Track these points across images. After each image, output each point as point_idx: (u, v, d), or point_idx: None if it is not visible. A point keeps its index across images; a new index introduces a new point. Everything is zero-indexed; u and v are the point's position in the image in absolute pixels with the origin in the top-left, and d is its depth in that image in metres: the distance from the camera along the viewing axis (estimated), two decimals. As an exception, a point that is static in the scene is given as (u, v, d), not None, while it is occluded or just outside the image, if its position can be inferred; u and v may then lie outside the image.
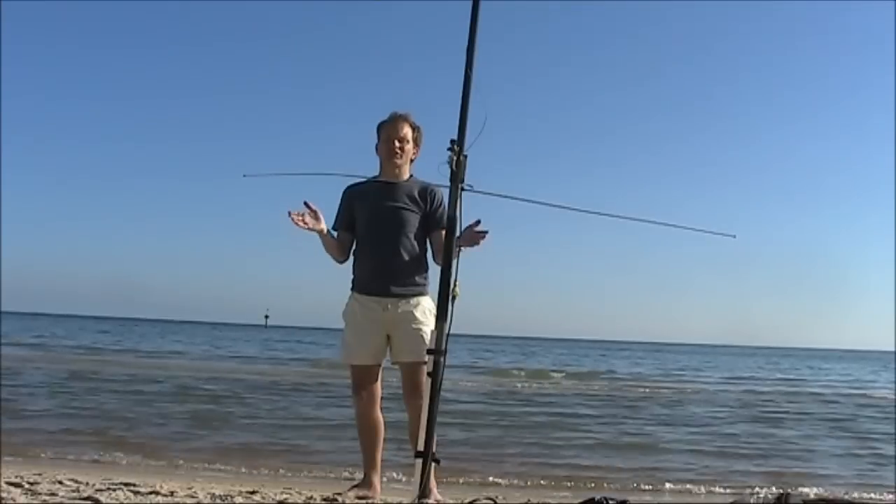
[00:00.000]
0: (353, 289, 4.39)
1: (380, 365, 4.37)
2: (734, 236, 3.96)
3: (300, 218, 4.17)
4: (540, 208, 3.73)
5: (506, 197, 3.80)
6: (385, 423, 4.42)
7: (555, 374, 24.21)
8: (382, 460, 4.45)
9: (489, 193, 3.82)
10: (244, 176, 4.25)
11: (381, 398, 4.41)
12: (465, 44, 3.55)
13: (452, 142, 3.52)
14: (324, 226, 4.28)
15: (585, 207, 3.73)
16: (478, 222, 3.96)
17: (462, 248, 3.93)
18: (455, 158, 3.52)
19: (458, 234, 3.63)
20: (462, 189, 3.57)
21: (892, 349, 52.30)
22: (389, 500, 4.02)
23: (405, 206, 4.31)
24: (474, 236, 3.97)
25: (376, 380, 4.36)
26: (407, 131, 4.36)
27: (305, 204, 4.21)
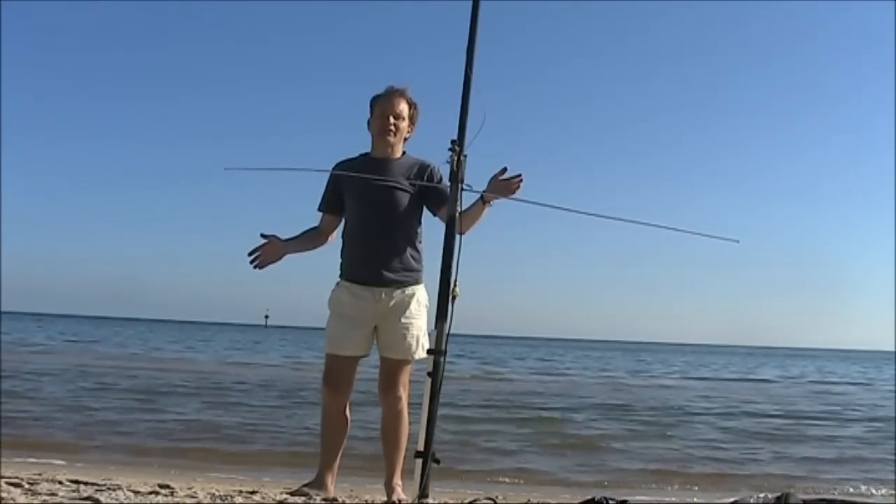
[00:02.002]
0: (341, 276, 4.13)
1: (362, 356, 4.11)
2: (737, 241, 3.85)
3: (261, 260, 4.03)
4: (541, 208, 3.67)
5: (506, 198, 3.79)
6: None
7: (560, 374, 24.22)
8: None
9: (489, 194, 3.81)
10: (225, 169, 4.07)
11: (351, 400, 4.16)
12: (465, 44, 3.55)
13: (453, 142, 3.51)
14: (282, 248, 4.10)
15: (586, 209, 3.67)
16: (504, 170, 3.74)
17: (490, 203, 3.77)
18: (455, 158, 3.52)
19: (458, 233, 3.56)
20: (462, 189, 3.56)
21: (893, 349, 52.35)
22: (379, 500, 4.00)
23: (398, 185, 4.02)
24: (508, 185, 3.74)
25: (353, 373, 4.11)
26: (403, 107, 4.10)
27: (262, 236, 4.06)
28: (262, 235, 4.09)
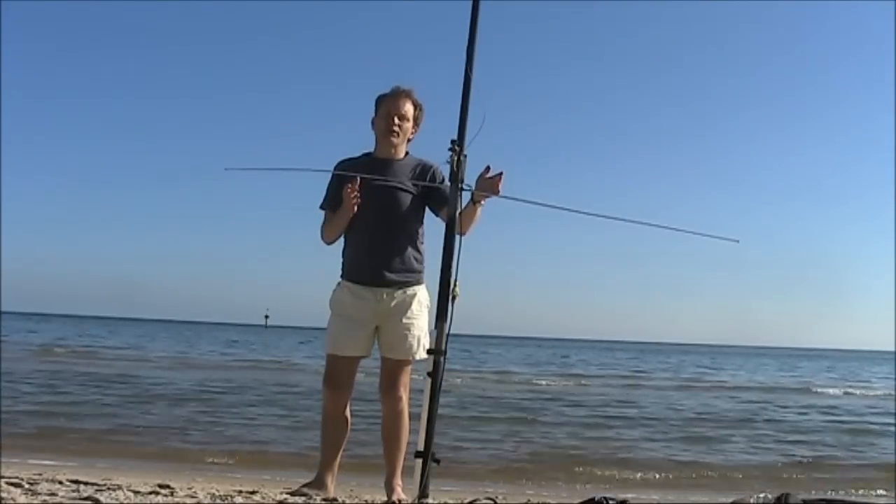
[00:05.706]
0: (342, 276, 4.14)
1: (363, 357, 4.11)
2: (737, 241, 3.85)
3: (353, 197, 3.90)
4: (540, 208, 3.67)
5: (505, 198, 3.79)
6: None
7: (560, 374, 24.20)
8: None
9: (478, 193, 3.80)
10: (225, 169, 4.04)
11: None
12: (465, 44, 3.55)
13: (453, 142, 3.52)
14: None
15: (587, 209, 3.68)
16: (488, 169, 3.72)
17: (480, 202, 3.73)
18: (455, 158, 3.52)
19: (458, 234, 3.56)
20: (462, 189, 3.57)
21: (893, 349, 52.26)
22: (379, 500, 4.00)
23: (401, 185, 4.02)
24: (493, 184, 3.71)
25: (353, 373, 4.12)
26: (408, 108, 4.12)
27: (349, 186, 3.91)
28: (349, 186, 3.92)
